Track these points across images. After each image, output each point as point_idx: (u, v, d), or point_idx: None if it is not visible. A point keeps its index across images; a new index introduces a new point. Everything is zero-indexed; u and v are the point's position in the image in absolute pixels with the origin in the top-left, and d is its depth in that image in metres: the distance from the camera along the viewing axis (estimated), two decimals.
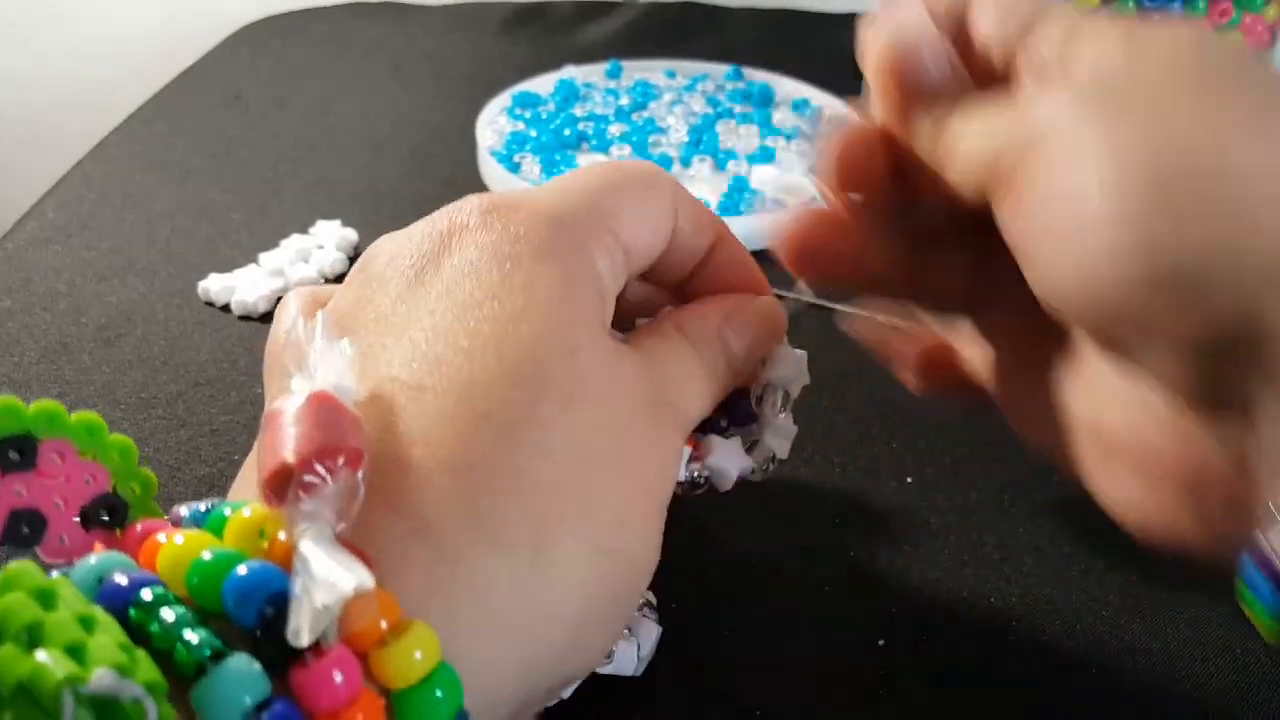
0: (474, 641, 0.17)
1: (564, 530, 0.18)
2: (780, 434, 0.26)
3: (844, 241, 0.24)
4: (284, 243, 0.45)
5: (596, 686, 0.25)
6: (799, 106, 0.58)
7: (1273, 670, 0.27)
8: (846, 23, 0.72)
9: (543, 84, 0.59)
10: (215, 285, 0.42)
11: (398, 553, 0.16)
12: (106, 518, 0.18)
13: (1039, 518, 0.31)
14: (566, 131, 0.53)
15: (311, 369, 0.18)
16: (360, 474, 0.16)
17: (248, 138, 0.56)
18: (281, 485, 0.16)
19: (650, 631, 0.25)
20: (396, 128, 0.58)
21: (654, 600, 0.26)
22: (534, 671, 0.18)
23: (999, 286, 0.22)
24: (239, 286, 0.42)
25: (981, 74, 0.21)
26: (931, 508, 0.32)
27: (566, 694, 0.23)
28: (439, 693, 0.15)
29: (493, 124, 0.55)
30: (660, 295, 0.26)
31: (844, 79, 0.59)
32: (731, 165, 0.52)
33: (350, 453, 0.16)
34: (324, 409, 0.17)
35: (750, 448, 0.26)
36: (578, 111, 0.57)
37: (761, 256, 0.48)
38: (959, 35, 0.21)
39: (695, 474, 0.24)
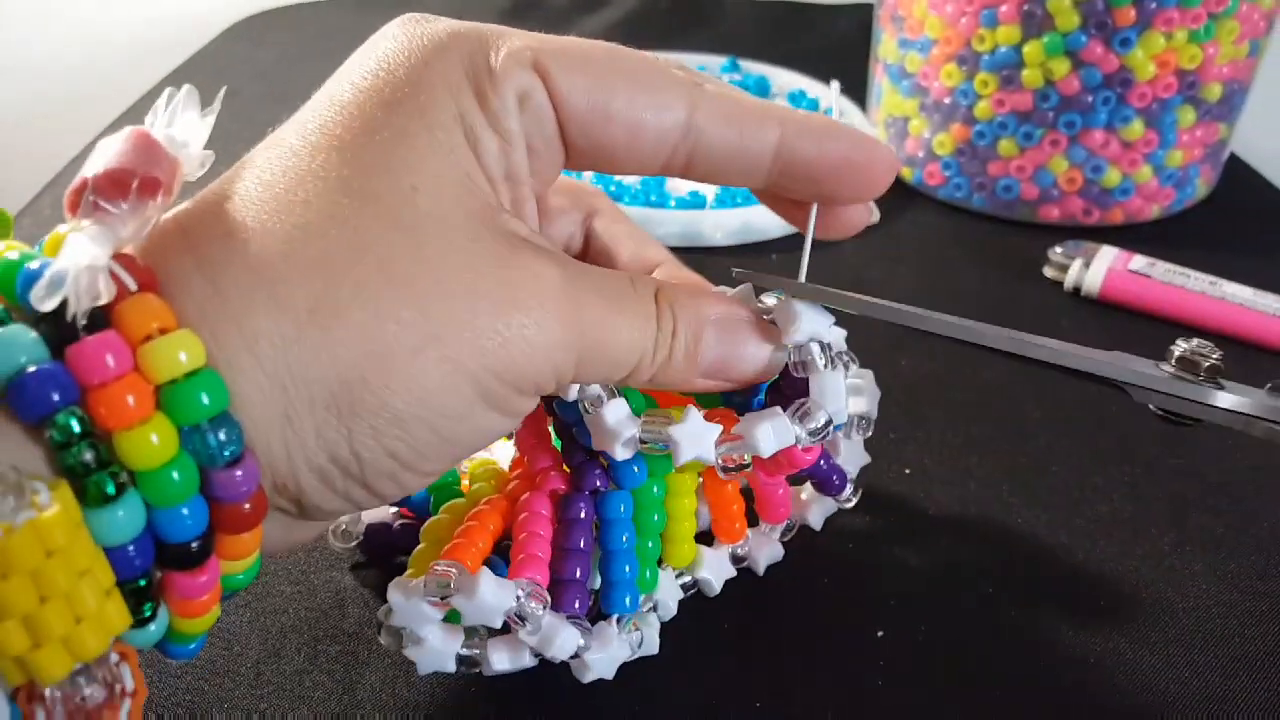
0: (233, 372, 0.18)
1: (339, 317, 0.18)
2: (828, 392, 0.23)
3: None
4: None
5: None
6: (795, 98, 0.58)
7: (1270, 661, 0.27)
8: (842, 14, 0.73)
9: None
10: None
11: (180, 281, 0.18)
12: None
13: (1037, 508, 0.31)
14: None
15: (164, 120, 0.19)
16: (156, 201, 0.18)
17: (245, 132, 0.56)
18: (78, 196, 0.17)
19: (609, 641, 0.24)
20: None
21: (624, 624, 0.25)
22: (295, 430, 0.18)
23: None
24: None
25: None
26: (929, 498, 0.32)
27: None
28: (204, 396, 0.17)
29: None
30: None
31: (840, 70, 0.59)
32: None
33: (146, 180, 0.18)
34: (138, 143, 0.18)
35: (802, 415, 0.23)
36: None
37: (763, 247, 0.48)
38: None
39: (724, 456, 0.22)
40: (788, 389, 0.24)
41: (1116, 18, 0.42)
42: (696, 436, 0.22)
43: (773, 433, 0.22)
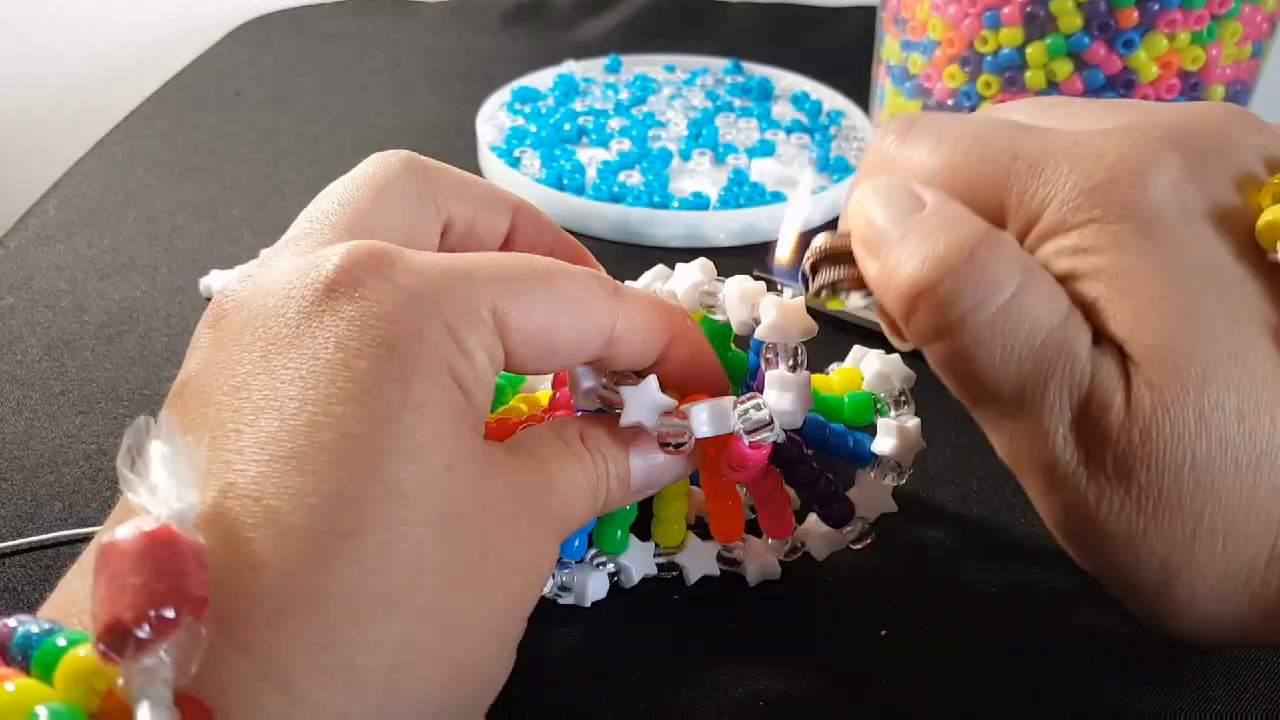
0: None
1: (420, 661, 0.17)
2: (774, 389, 0.23)
3: None
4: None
5: (599, 674, 0.25)
6: (798, 100, 0.58)
7: (1274, 660, 0.27)
8: (845, 16, 0.73)
9: (542, 79, 0.59)
10: (217, 282, 0.42)
11: (246, 699, 0.16)
12: None
13: None
14: (566, 126, 0.53)
15: (153, 484, 0.16)
16: (202, 624, 0.15)
17: (248, 134, 0.56)
18: (118, 640, 0.15)
19: (595, 581, 0.27)
20: (397, 123, 0.58)
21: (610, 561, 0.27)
22: None
23: None
24: None
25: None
26: (932, 498, 0.32)
27: None
28: None
29: (492, 119, 0.55)
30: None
31: (842, 72, 0.59)
32: (731, 159, 0.52)
33: (194, 603, 0.15)
34: (163, 551, 0.15)
35: (748, 409, 0.23)
36: (577, 106, 0.57)
37: (766, 248, 0.48)
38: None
39: (662, 429, 0.23)
40: (758, 387, 0.24)
41: (1119, 19, 0.42)
42: (642, 402, 0.23)
43: (708, 416, 0.23)
